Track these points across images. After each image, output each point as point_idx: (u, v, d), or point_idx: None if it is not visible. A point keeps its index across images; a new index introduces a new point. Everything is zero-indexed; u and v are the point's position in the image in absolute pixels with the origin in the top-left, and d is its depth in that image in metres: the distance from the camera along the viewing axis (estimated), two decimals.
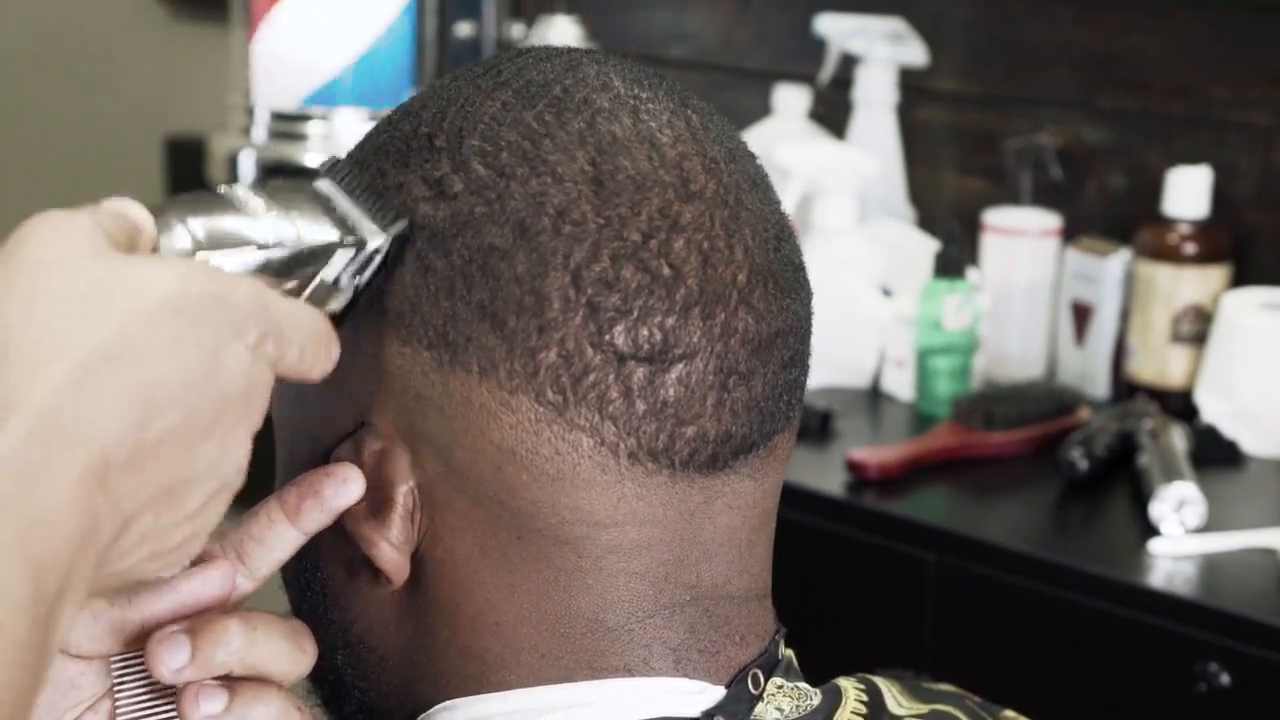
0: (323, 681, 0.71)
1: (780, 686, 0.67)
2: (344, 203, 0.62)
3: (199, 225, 0.58)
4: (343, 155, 0.68)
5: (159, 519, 0.54)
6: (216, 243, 0.58)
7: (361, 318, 0.64)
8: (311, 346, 0.58)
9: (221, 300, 0.54)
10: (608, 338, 0.61)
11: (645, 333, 0.61)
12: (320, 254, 0.61)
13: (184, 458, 0.54)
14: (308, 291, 0.61)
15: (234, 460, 0.56)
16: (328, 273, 0.61)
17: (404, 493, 0.63)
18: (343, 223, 0.62)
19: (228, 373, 0.54)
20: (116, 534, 0.53)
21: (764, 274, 0.64)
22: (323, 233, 0.61)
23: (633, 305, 0.61)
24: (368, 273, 0.62)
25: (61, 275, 0.53)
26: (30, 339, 0.52)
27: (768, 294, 0.64)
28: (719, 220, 0.63)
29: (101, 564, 0.53)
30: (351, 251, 0.61)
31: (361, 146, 0.67)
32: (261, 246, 0.59)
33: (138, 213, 0.57)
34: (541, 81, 0.65)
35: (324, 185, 0.63)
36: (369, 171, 0.65)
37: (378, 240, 0.62)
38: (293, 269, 0.60)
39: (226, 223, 0.59)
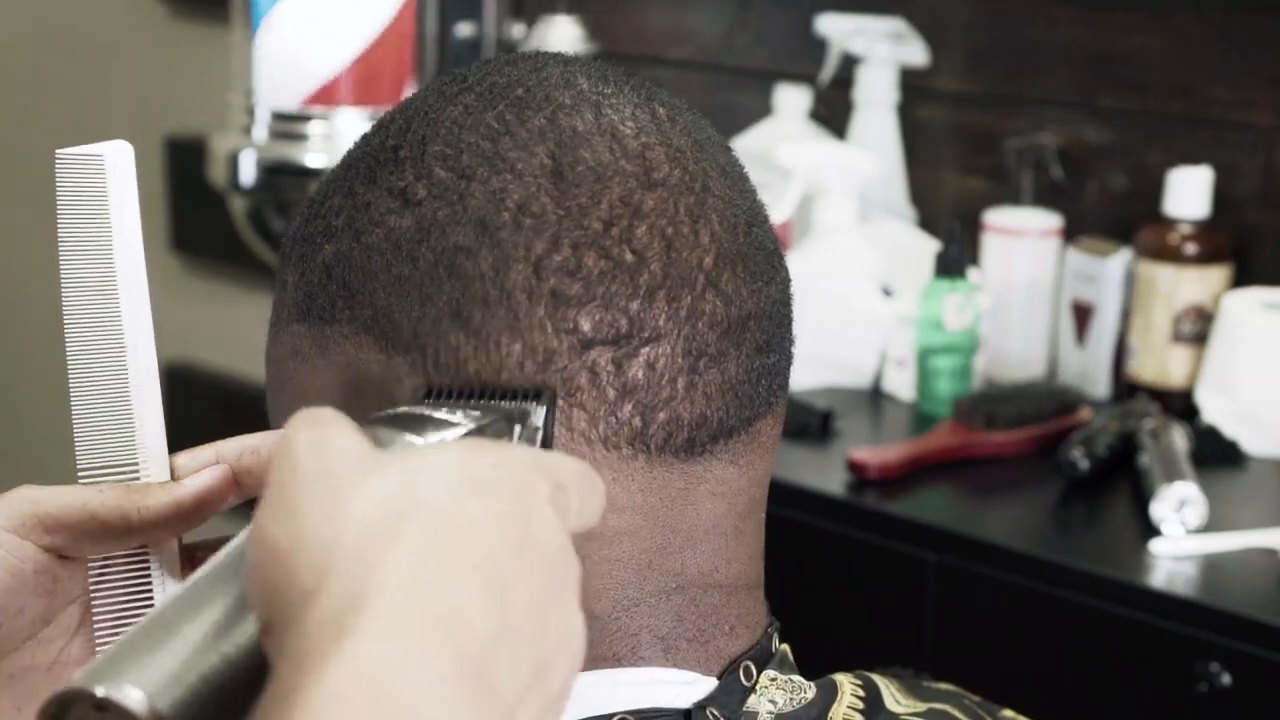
0: None
1: (773, 679, 0.68)
2: (480, 403, 0.61)
3: (425, 438, 0.57)
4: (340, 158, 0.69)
5: (538, 708, 0.48)
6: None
7: (341, 329, 0.64)
8: (584, 488, 0.54)
9: (508, 462, 0.51)
10: (572, 325, 0.62)
11: (609, 318, 0.62)
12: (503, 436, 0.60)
13: (541, 632, 0.49)
14: None
15: (577, 629, 0.51)
16: None
17: None
18: (498, 412, 0.61)
19: (541, 533, 0.50)
20: None
21: (733, 258, 0.65)
22: (494, 416, 0.60)
23: (595, 291, 0.62)
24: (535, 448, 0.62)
25: (355, 480, 0.49)
26: (353, 537, 0.47)
27: (737, 277, 0.65)
28: (683, 206, 0.64)
29: None
30: (519, 429, 0.61)
31: (340, 165, 0.68)
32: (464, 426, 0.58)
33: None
34: (505, 84, 0.66)
35: (444, 403, 0.62)
36: (341, 191, 0.66)
37: (538, 413, 0.61)
38: None
39: (434, 434, 0.57)
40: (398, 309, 0.63)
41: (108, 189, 0.62)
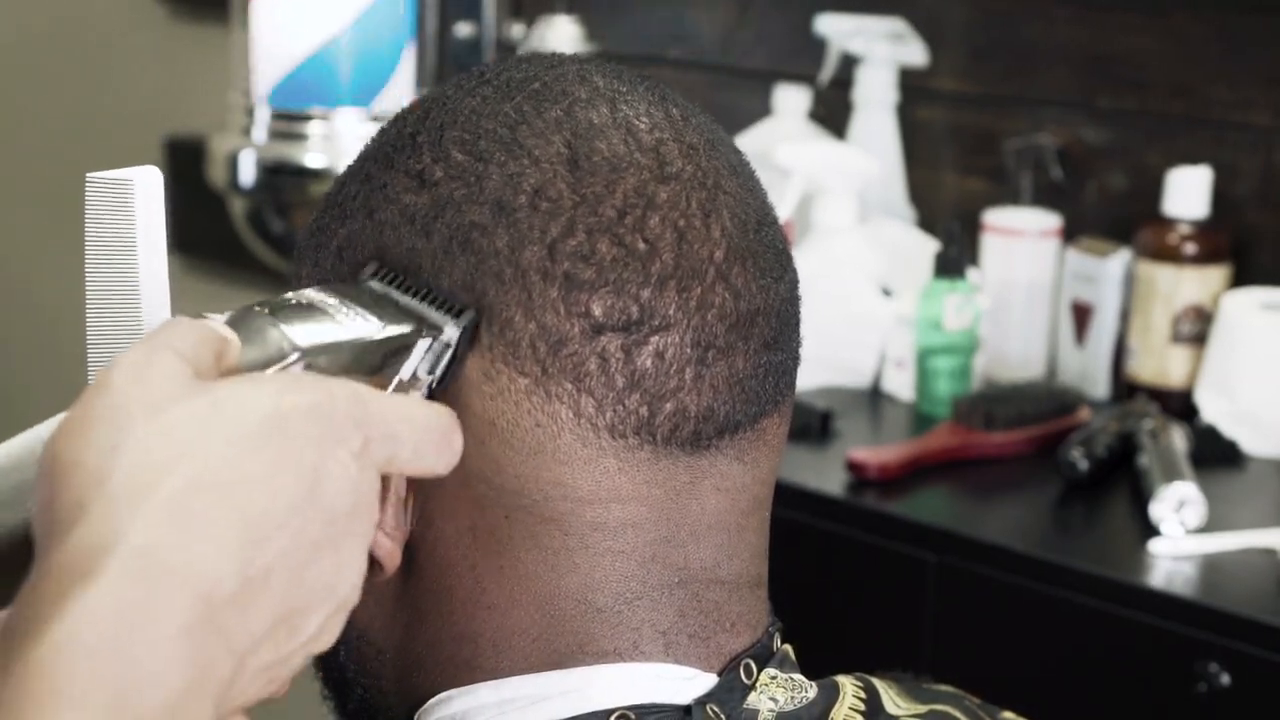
0: (327, 680, 0.71)
1: (774, 677, 0.68)
2: (404, 299, 0.62)
3: (291, 332, 0.57)
4: (347, 159, 0.70)
5: (279, 650, 0.51)
6: (311, 347, 0.57)
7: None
8: (427, 442, 0.56)
9: (320, 411, 0.52)
10: (584, 309, 0.62)
11: (621, 304, 0.63)
12: (400, 349, 0.61)
13: (296, 584, 0.51)
14: (390, 388, 0.60)
15: (349, 578, 0.53)
16: (405, 369, 0.61)
17: (398, 480, 0.63)
18: (412, 317, 0.62)
19: (332, 487, 0.52)
20: (233, 675, 0.49)
21: (743, 254, 0.65)
22: (400, 326, 0.61)
23: (608, 277, 0.63)
24: (440, 367, 0.62)
25: (148, 416, 0.50)
26: (121, 477, 0.49)
27: (746, 272, 0.65)
28: (695, 201, 0.65)
29: (220, 704, 0.49)
30: (428, 343, 0.61)
31: (357, 158, 0.69)
32: (350, 345, 0.58)
33: (218, 328, 0.55)
34: (522, 79, 0.67)
35: (377, 285, 0.63)
36: (357, 178, 0.67)
37: (452, 331, 0.62)
38: (380, 366, 0.60)
39: (313, 327, 0.58)
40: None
41: (135, 214, 0.62)
